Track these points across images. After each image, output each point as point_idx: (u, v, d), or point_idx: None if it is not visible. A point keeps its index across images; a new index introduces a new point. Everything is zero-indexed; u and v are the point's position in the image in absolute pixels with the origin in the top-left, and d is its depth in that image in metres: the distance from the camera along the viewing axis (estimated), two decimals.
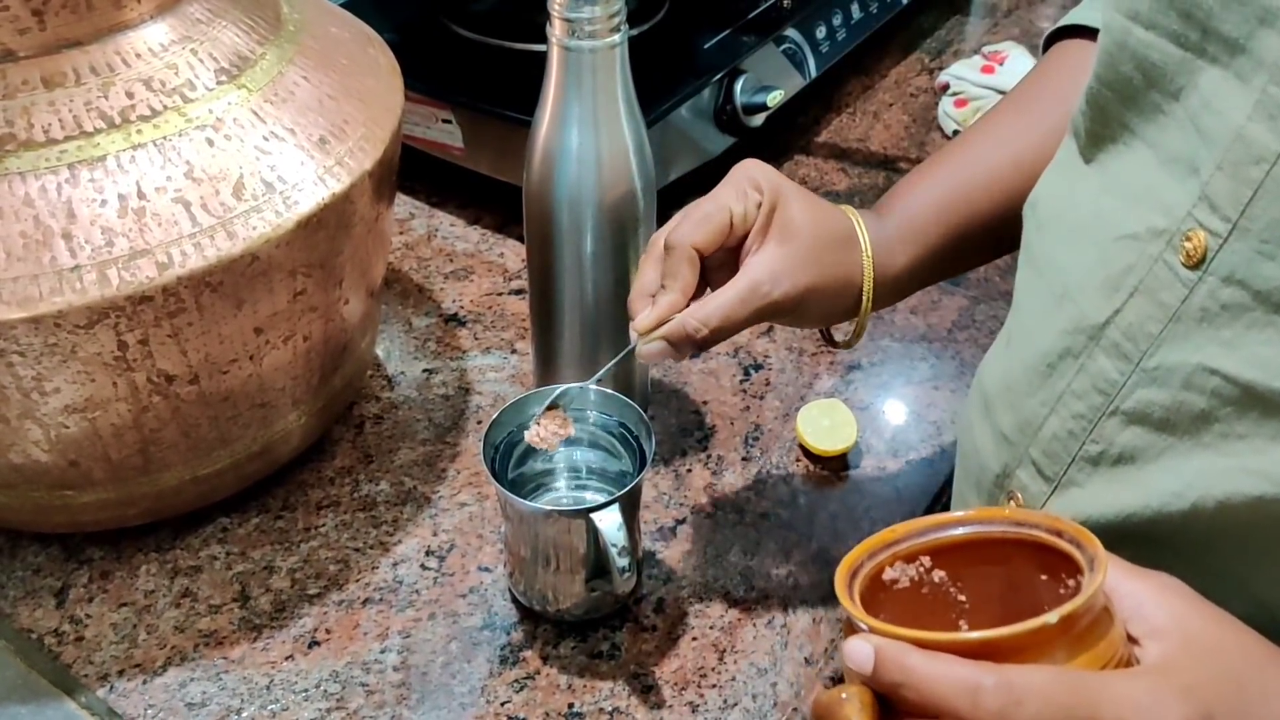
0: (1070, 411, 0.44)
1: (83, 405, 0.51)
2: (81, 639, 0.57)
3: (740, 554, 0.62)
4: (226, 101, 0.52)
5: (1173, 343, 0.39)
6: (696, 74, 0.84)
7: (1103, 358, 0.42)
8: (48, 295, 0.46)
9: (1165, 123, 0.41)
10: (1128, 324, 0.41)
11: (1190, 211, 0.38)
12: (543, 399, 0.55)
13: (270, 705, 0.54)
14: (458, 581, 0.60)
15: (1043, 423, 0.45)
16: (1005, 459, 0.48)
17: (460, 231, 0.86)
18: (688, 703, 0.55)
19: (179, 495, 0.59)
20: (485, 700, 0.55)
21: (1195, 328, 0.38)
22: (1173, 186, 0.40)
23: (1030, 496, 0.46)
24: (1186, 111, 0.39)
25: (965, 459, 0.53)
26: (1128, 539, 0.41)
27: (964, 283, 0.82)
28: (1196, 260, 0.38)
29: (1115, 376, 0.41)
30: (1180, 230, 0.39)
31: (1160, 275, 0.40)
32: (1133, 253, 0.41)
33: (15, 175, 0.47)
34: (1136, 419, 0.41)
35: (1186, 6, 0.38)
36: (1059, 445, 0.44)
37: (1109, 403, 0.42)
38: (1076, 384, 0.43)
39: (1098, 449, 0.43)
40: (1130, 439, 0.41)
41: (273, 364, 0.56)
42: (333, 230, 0.54)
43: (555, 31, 0.54)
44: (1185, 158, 0.39)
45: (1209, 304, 0.38)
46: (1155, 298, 0.40)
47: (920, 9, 1.15)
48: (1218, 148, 0.37)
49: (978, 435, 0.51)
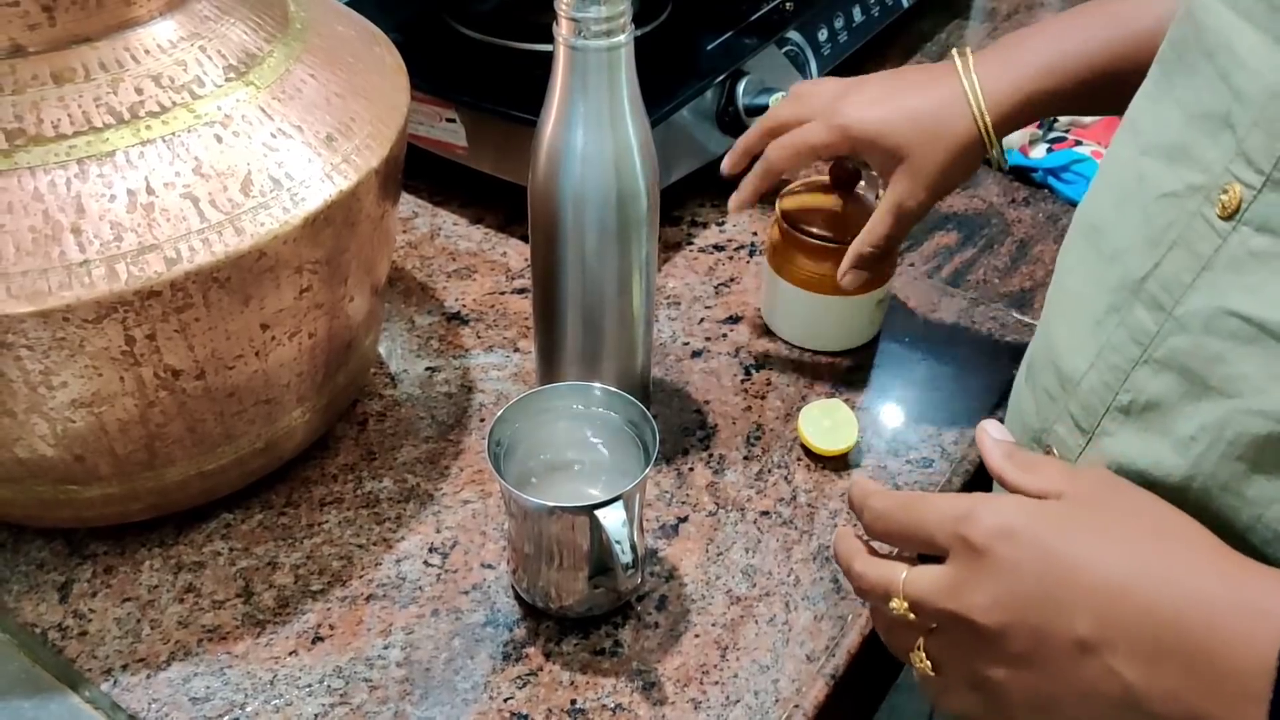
0: (1107, 364, 0.45)
1: (89, 400, 0.51)
2: (85, 633, 0.57)
3: (742, 551, 0.62)
4: (235, 98, 0.52)
5: (1201, 289, 0.41)
6: (699, 75, 0.84)
7: (1140, 309, 0.44)
8: (56, 290, 0.46)
9: (1196, 82, 0.42)
10: (1165, 276, 0.42)
11: (1228, 167, 0.40)
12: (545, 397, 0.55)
13: (274, 700, 0.54)
14: (461, 578, 0.61)
15: (1082, 377, 0.47)
16: (1047, 415, 0.50)
17: (463, 230, 0.87)
18: (690, 699, 0.55)
19: (183, 490, 0.59)
20: (488, 696, 0.55)
21: (1223, 275, 0.40)
22: (1206, 144, 0.41)
23: (1066, 449, 0.48)
24: (1217, 69, 0.41)
25: (1010, 425, 0.56)
26: (1156, 487, 0.43)
27: (964, 284, 0.83)
28: (1231, 211, 0.39)
29: (1150, 326, 0.43)
30: (1218, 185, 0.40)
31: (1197, 228, 0.41)
32: (1174, 209, 0.42)
33: (25, 170, 0.47)
34: (1165, 366, 0.42)
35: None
36: (1095, 397, 0.46)
37: (1144, 352, 0.43)
38: (1115, 337, 0.45)
39: (1129, 398, 0.44)
40: (1158, 387, 0.43)
41: (278, 360, 0.56)
42: (339, 227, 0.54)
43: (562, 31, 0.54)
44: (1217, 114, 0.40)
45: (1238, 252, 0.39)
46: (1191, 249, 0.41)
47: (921, 12, 1.16)
48: (1254, 106, 0.38)
49: (1022, 400, 0.53)
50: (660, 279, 0.82)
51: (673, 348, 0.76)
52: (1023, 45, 0.62)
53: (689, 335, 0.77)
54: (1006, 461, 0.45)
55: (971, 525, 0.41)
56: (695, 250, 0.86)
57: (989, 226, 0.89)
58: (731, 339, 0.77)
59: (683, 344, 0.77)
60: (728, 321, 0.79)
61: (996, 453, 0.46)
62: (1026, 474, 0.44)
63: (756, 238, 0.87)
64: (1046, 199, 0.92)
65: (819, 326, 0.75)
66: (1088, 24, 0.61)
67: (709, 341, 0.77)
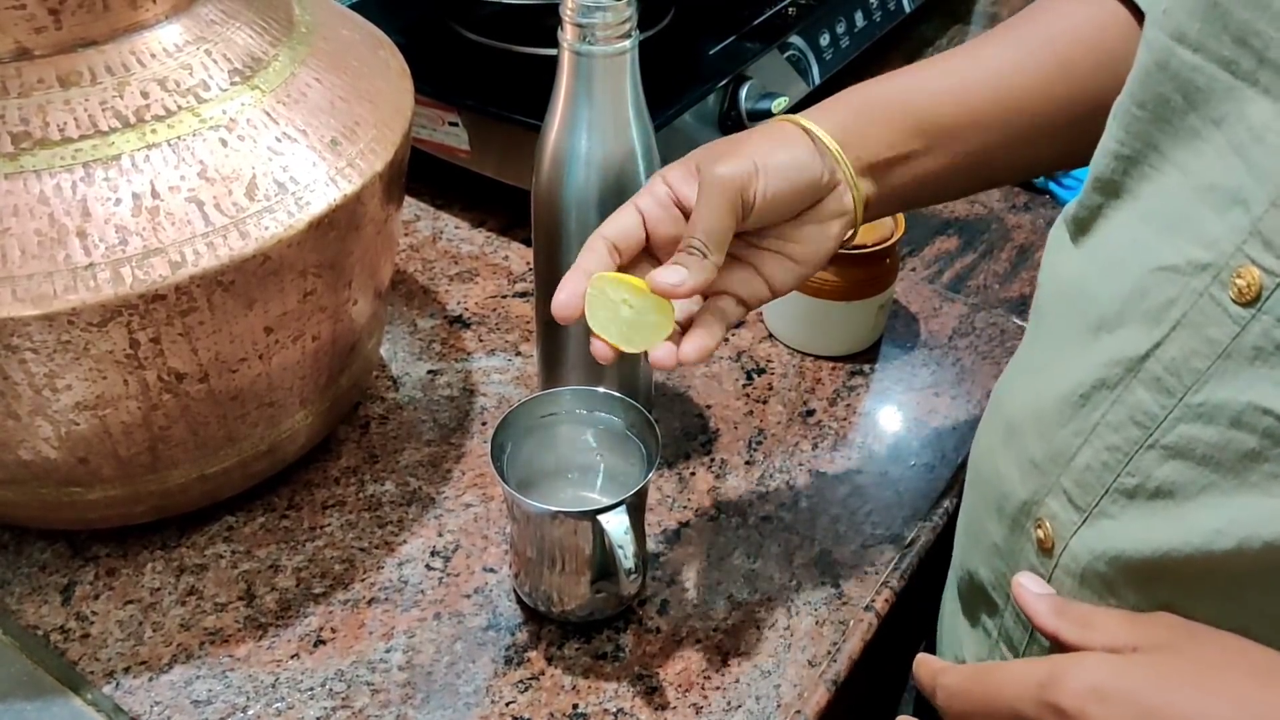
0: (1105, 443, 0.43)
1: (93, 402, 0.51)
2: (87, 636, 0.57)
3: (743, 556, 0.62)
4: (240, 102, 0.52)
5: (1221, 379, 0.38)
6: (701, 80, 0.84)
7: (1141, 390, 0.41)
8: (62, 293, 0.46)
9: (1202, 149, 0.40)
10: (1170, 358, 0.40)
11: (1240, 247, 0.37)
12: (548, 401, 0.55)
13: (276, 703, 0.54)
14: (463, 582, 0.61)
15: (1075, 453, 0.44)
16: (1034, 487, 0.47)
17: (465, 234, 0.87)
18: (691, 704, 0.55)
19: (186, 493, 0.59)
20: (490, 700, 0.55)
21: (1247, 366, 0.38)
22: (1213, 218, 0.39)
23: (1060, 525, 0.46)
24: (1229, 140, 0.38)
25: (984, 485, 0.52)
26: (1165, 575, 0.41)
27: (964, 290, 0.83)
28: (1250, 298, 0.37)
29: (1155, 410, 0.41)
30: (1230, 265, 0.38)
31: (1208, 310, 0.39)
32: (1174, 286, 0.40)
33: (30, 173, 0.47)
34: (1177, 453, 0.40)
35: (1243, 33, 0.37)
36: (1092, 476, 0.44)
37: (1147, 436, 0.41)
38: (1112, 415, 0.43)
39: (1134, 482, 0.42)
40: (1169, 473, 0.41)
41: (281, 363, 0.56)
42: (343, 231, 0.54)
43: (566, 36, 0.54)
44: (1227, 188, 0.38)
45: (1263, 343, 0.37)
46: (1202, 333, 0.39)
47: (923, 17, 1.16)
48: (1271, 184, 0.36)
49: (1000, 462, 0.50)
50: None
51: None
52: (856, 93, 0.54)
53: None
54: (1059, 620, 0.42)
55: (1059, 691, 0.38)
56: None
57: (989, 232, 0.89)
58: (733, 343, 0.77)
59: None
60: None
61: (1044, 609, 0.43)
62: (1087, 630, 0.41)
63: None
64: (1047, 204, 0.92)
65: (820, 331, 0.75)
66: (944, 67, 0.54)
67: None
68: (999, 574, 0.50)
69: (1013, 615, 0.50)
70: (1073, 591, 0.45)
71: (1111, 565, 0.43)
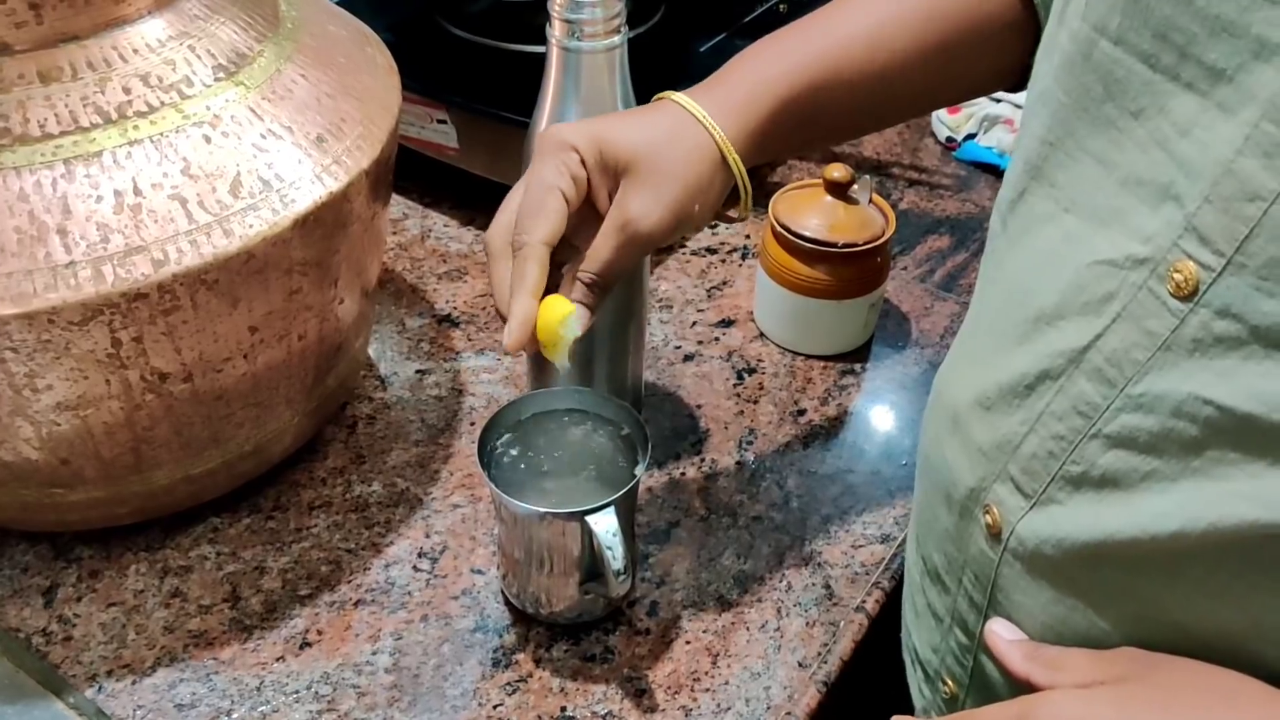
0: (1050, 432, 0.44)
1: (75, 403, 0.50)
2: (70, 639, 0.57)
3: (734, 557, 0.62)
4: (224, 98, 0.52)
5: (1161, 370, 0.39)
6: (692, 78, 0.84)
7: (1084, 381, 0.42)
8: (42, 291, 0.46)
9: (1120, 140, 0.40)
10: (1111, 349, 0.41)
11: (1176, 242, 0.38)
12: (536, 401, 0.55)
13: (261, 707, 0.54)
14: (450, 583, 0.60)
15: (1021, 441, 0.45)
16: (981, 474, 0.48)
17: (454, 232, 0.86)
18: (681, 706, 0.54)
19: (170, 494, 0.58)
20: (477, 703, 0.54)
21: (1186, 357, 0.38)
22: (1145, 213, 0.39)
23: (1007, 510, 0.46)
24: (1151, 134, 0.39)
25: (933, 472, 0.53)
26: (1110, 557, 0.42)
27: (956, 289, 0.82)
28: (1188, 292, 0.38)
29: (1097, 400, 0.42)
30: (1166, 260, 0.38)
31: (1146, 304, 0.39)
32: (1112, 280, 0.41)
33: (10, 170, 0.47)
34: (1120, 442, 0.41)
35: (1163, 29, 0.38)
36: (1038, 464, 0.45)
37: (1090, 425, 0.42)
38: (1056, 405, 0.43)
39: (1078, 470, 0.43)
40: (1113, 461, 0.41)
41: (267, 363, 0.56)
42: (329, 229, 0.54)
43: (555, 33, 0.54)
44: (1157, 183, 0.39)
45: (1202, 335, 0.38)
46: (1141, 325, 0.40)
47: None
48: (1203, 179, 0.37)
49: (947, 450, 0.51)
50: (652, 282, 0.82)
51: (665, 351, 0.76)
52: (733, 69, 0.56)
53: (681, 339, 0.77)
54: (1031, 664, 0.43)
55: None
56: (688, 253, 0.85)
57: (981, 230, 0.89)
58: (724, 343, 0.77)
59: (675, 348, 0.76)
60: (720, 325, 0.78)
61: (1017, 656, 0.44)
62: (1057, 671, 0.42)
63: (749, 241, 0.86)
64: None
65: (812, 330, 0.75)
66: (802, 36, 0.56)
67: (701, 345, 0.77)
68: (951, 559, 0.51)
69: (965, 598, 0.50)
70: (1021, 575, 0.46)
71: (1058, 549, 0.44)
